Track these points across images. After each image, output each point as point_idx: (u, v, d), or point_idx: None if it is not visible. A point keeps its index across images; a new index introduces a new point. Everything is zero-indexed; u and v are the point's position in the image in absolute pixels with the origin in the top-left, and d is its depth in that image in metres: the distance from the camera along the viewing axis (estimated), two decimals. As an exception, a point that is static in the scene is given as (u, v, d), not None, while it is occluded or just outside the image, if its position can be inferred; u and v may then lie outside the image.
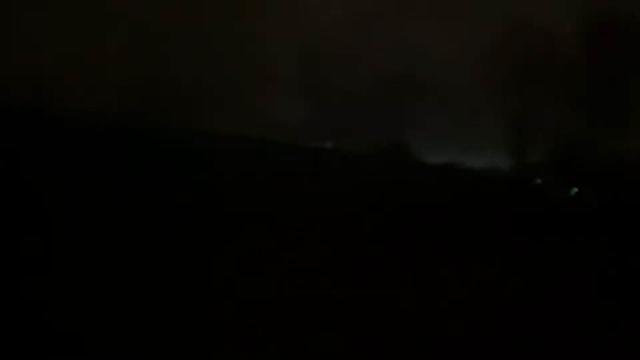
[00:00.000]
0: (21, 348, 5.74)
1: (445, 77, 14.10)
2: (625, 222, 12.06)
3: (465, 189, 13.27)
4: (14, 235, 8.01)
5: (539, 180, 14.81)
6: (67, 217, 8.97)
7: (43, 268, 7.61)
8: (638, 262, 10.16)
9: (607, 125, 14.59)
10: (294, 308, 7.34)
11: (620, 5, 13.92)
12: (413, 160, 14.67)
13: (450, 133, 14.51)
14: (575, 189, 14.09)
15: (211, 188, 11.20)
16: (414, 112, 14.50)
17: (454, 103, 14.33)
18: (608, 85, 14.45)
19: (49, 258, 7.86)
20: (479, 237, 11.14)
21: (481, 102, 13.95)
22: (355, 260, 9.35)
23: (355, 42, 14.03)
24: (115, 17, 13.00)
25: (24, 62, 12.29)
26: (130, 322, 6.52)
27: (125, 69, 12.85)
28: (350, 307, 7.61)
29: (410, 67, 14.08)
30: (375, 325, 7.13)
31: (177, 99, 13.16)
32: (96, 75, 12.76)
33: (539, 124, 14.55)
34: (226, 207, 10.66)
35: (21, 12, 12.57)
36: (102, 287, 7.41)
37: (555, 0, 13.70)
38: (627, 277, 9.53)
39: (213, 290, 7.57)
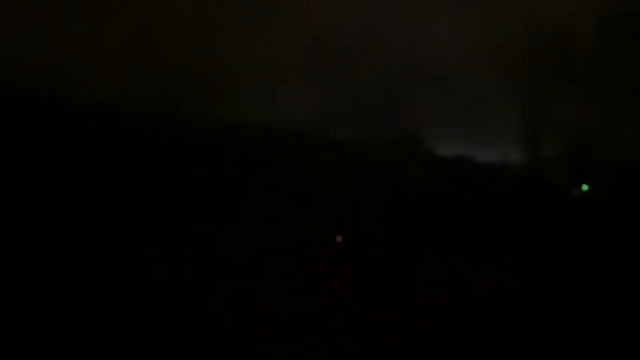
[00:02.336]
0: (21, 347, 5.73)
1: (457, 68, 13.98)
2: (637, 220, 11.92)
3: (476, 183, 13.18)
4: (27, 220, 8.09)
5: (550, 176, 14.66)
6: (80, 203, 9.04)
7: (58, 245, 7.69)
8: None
9: (622, 120, 14.39)
10: (304, 302, 7.34)
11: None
12: (424, 153, 14.57)
13: (462, 126, 14.40)
14: (586, 187, 13.93)
15: (222, 176, 11.22)
16: (426, 104, 14.39)
17: (466, 95, 14.20)
18: (624, 79, 14.24)
19: (61, 239, 7.93)
20: (488, 231, 11.08)
21: (493, 95, 13.81)
22: (365, 252, 9.35)
23: (366, 33, 13.94)
24: (133, 9, 13.07)
25: (43, 51, 12.40)
26: (143, 309, 6.54)
27: (139, 60, 12.92)
28: (362, 299, 7.60)
29: (421, 58, 13.96)
30: (385, 318, 7.11)
31: (189, 88, 13.19)
32: (112, 66, 12.85)
33: (552, 118, 14.38)
34: (237, 196, 10.67)
35: (40, 3, 12.67)
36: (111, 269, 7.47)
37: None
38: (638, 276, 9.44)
39: (221, 282, 7.57)
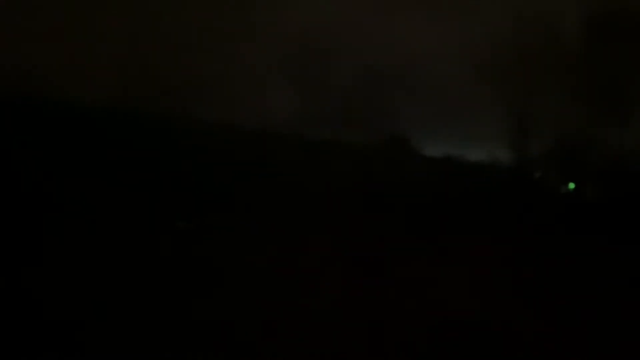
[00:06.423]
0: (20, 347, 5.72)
1: (445, 69, 14.07)
2: (623, 217, 12.01)
3: (464, 181, 13.24)
4: (14, 226, 8.03)
5: (538, 174, 14.77)
6: (63, 206, 8.98)
7: (44, 257, 7.63)
8: (636, 257, 10.13)
9: (609, 119, 14.52)
10: (293, 306, 7.32)
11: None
12: (412, 152, 14.64)
13: (450, 125, 14.49)
14: (573, 185, 14.06)
15: (206, 178, 11.18)
16: (414, 105, 14.47)
17: (454, 95, 14.31)
18: (610, 79, 14.37)
19: (49, 246, 7.87)
20: (477, 229, 11.11)
21: (481, 95, 13.92)
22: (354, 253, 9.34)
23: (352, 35, 14.01)
24: (112, 12, 13.06)
25: (23, 55, 12.37)
26: (134, 317, 6.53)
27: (121, 62, 12.92)
28: (351, 302, 7.60)
29: (409, 59, 14.05)
30: (376, 320, 7.12)
31: (172, 90, 13.19)
32: (93, 67, 12.83)
33: (540, 117, 14.49)
34: (221, 198, 10.64)
35: (21, 7, 12.65)
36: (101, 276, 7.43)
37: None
38: (626, 272, 9.50)
39: (205, 286, 7.56)
